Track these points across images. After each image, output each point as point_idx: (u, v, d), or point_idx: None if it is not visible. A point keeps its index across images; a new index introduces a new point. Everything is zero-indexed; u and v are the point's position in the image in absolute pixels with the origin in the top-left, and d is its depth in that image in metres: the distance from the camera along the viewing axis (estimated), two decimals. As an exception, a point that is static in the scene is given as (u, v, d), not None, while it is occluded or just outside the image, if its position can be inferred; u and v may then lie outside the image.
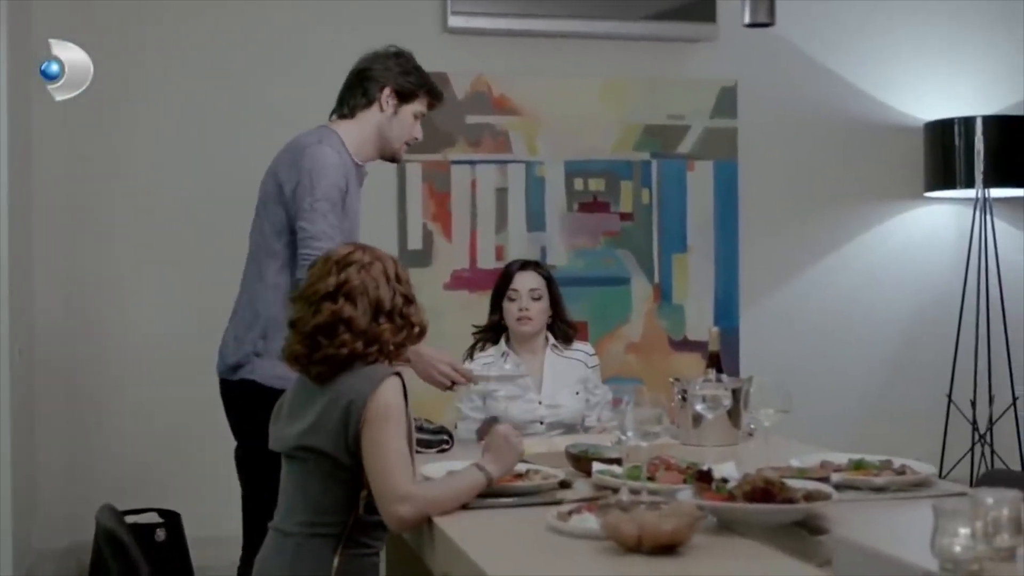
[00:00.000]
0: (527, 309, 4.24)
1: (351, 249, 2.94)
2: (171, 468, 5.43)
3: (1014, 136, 6.07)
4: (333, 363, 2.83)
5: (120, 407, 5.46)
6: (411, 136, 3.98)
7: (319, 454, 2.78)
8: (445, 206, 5.80)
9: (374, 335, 2.84)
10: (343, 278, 2.86)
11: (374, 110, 3.93)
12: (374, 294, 2.86)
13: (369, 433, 2.72)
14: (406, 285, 2.95)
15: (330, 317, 2.84)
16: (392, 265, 2.95)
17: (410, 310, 2.93)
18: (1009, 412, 6.10)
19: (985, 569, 2.12)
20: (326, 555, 2.77)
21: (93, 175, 5.48)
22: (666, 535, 2.28)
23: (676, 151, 6.03)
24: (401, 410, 2.77)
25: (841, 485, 2.89)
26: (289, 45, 5.68)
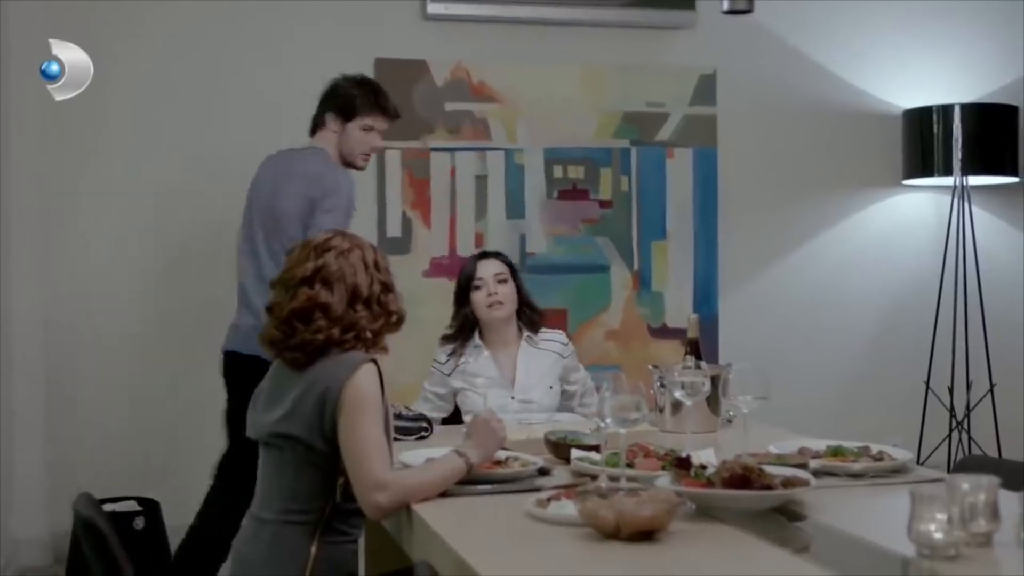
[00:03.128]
0: (496, 293, 4.23)
1: (330, 235, 2.94)
2: (150, 457, 5.41)
3: (992, 124, 6.08)
4: (309, 349, 2.83)
5: (98, 395, 5.44)
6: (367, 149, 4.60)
7: (295, 441, 2.78)
8: (424, 193, 5.78)
9: (351, 322, 2.84)
10: (321, 263, 2.86)
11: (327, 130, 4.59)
12: (351, 280, 2.86)
13: (345, 420, 2.72)
14: (385, 273, 2.95)
15: (306, 302, 2.83)
16: (371, 252, 2.95)
17: (388, 298, 2.93)
18: (986, 399, 6.12)
19: (962, 554, 2.14)
20: (303, 542, 2.77)
21: (68, 172, 5.45)
22: (644, 521, 2.29)
23: (656, 138, 6.03)
24: (377, 397, 2.77)
25: (819, 471, 2.90)
26: (276, 37, 5.65)
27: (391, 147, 5.68)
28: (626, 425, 2.71)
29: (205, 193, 5.55)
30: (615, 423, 2.71)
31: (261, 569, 2.79)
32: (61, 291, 5.40)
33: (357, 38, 5.70)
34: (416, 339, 5.31)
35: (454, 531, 2.46)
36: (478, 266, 4.28)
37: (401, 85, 5.72)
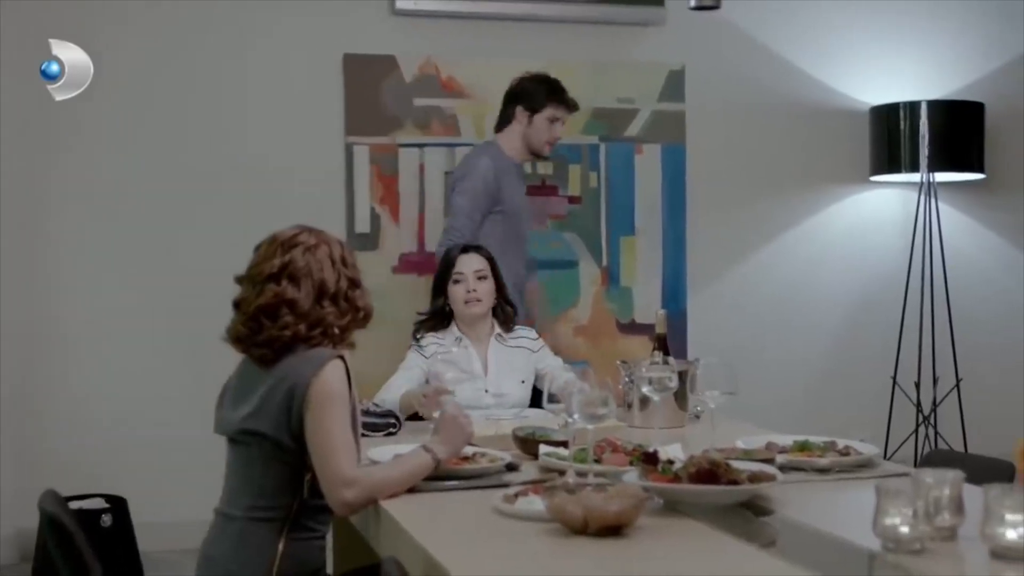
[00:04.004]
0: (475, 290, 4.21)
1: (297, 231, 2.92)
2: (118, 453, 5.39)
3: (958, 121, 6.12)
4: (276, 345, 2.82)
5: (66, 392, 5.41)
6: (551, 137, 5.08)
7: (262, 438, 2.76)
8: (393, 189, 5.77)
9: (318, 318, 2.83)
10: (288, 259, 2.84)
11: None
12: (318, 276, 2.85)
13: (312, 417, 2.71)
14: (352, 269, 2.93)
15: (273, 299, 2.82)
16: (338, 248, 2.93)
17: (355, 294, 2.91)
18: (952, 394, 6.17)
19: (926, 548, 2.15)
20: (270, 539, 2.76)
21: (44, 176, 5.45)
22: (611, 516, 2.29)
23: (624, 134, 6.04)
24: (345, 393, 2.76)
25: (786, 466, 2.91)
26: (244, 33, 5.65)
27: (359, 143, 5.68)
28: (593, 421, 2.71)
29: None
30: (582, 419, 2.71)
31: (227, 566, 2.78)
32: (26, 288, 5.37)
33: (325, 33, 5.69)
34: (385, 335, 5.29)
35: (422, 527, 2.45)
36: (460, 259, 4.25)
37: (370, 80, 5.73)
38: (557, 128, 5.09)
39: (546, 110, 5.05)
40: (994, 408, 6.21)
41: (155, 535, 5.11)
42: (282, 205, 5.41)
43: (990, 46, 6.52)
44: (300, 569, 2.79)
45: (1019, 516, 2.06)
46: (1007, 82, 6.49)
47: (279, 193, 5.51)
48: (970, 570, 2.15)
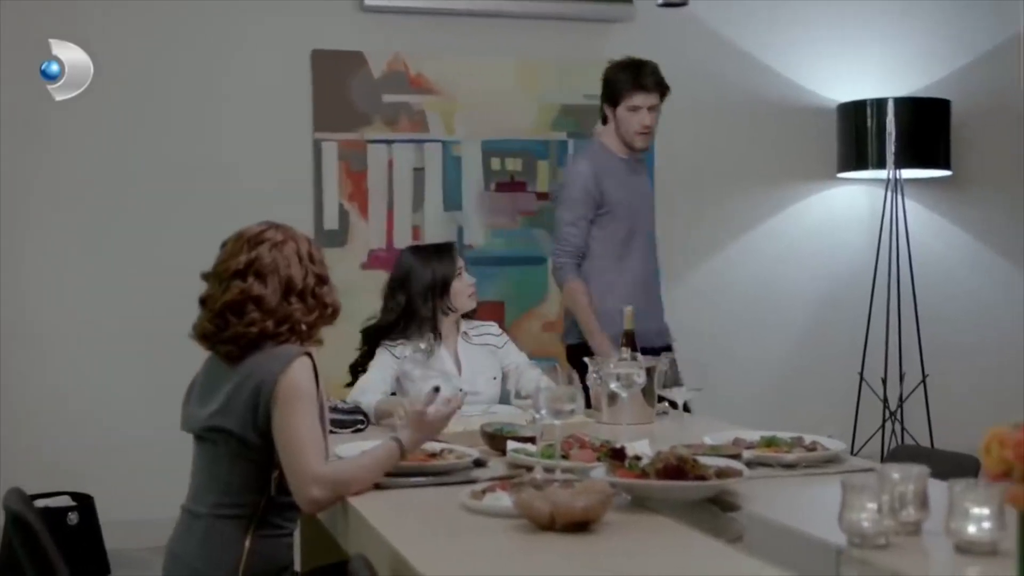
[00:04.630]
0: (472, 284, 4.23)
1: (264, 227, 2.91)
2: (85, 451, 5.37)
3: (925, 118, 6.15)
4: (242, 342, 2.81)
5: (32, 390, 5.38)
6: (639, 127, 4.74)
7: (228, 435, 2.76)
8: (361, 186, 5.77)
9: (285, 314, 2.82)
10: (254, 256, 2.84)
11: None
12: (285, 273, 2.84)
13: (279, 414, 2.70)
14: (319, 265, 2.93)
15: (239, 295, 2.81)
16: (305, 244, 2.92)
17: (323, 290, 2.91)
18: (919, 390, 6.20)
19: (891, 543, 2.16)
20: (237, 536, 2.75)
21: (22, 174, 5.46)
22: (578, 512, 2.29)
23: (592, 131, 6.03)
24: (312, 390, 2.75)
25: (753, 462, 2.92)
26: (214, 29, 5.63)
27: (327, 139, 5.68)
28: (560, 416, 2.72)
29: (148, 189, 5.53)
30: (549, 415, 2.71)
31: (194, 564, 2.77)
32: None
33: (294, 30, 5.68)
34: (353, 332, 5.29)
35: (389, 523, 2.45)
36: (455, 257, 4.24)
37: (338, 77, 5.72)
38: (643, 116, 4.73)
39: (623, 101, 4.74)
40: (960, 403, 6.25)
41: (122, 533, 5.09)
42: (250, 202, 5.37)
43: (956, 44, 6.55)
44: (267, 566, 2.78)
45: (983, 511, 2.07)
46: (973, 79, 6.53)
47: (247, 190, 5.49)
48: (934, 565, 2.17)
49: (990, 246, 6.65)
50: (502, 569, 2.18)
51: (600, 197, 4.72)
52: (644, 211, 4.90)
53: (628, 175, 4.83)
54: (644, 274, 4.81)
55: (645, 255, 4.84)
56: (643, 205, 4.90)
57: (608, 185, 4.73)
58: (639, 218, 4.84)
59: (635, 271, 4.78)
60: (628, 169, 4.84)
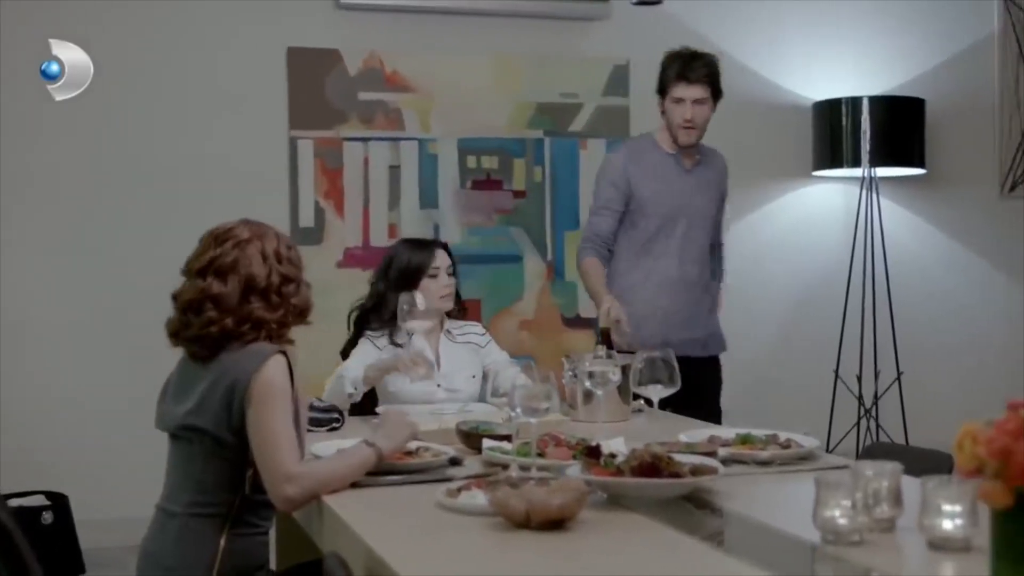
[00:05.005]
0: (448, 285, 4.22)
1: (234, 225, 2.90)
2: (59, 450, 5.35)
3: (899, 116, 6.18)
4: (205, 341, 2.80)
5: (5, 389, 5.35)
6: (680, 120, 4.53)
7: (202, 434, 2.75)
8: (337, 183, 5.76)
9: (245, 313, 2.80)
10: (216, 254, 2.83)
11: None
12: (246, 271, 2.82)
13: (254, 412, 2.69)
14: (288, 264, 2.89)
15: (197, 294, 2.81)
16: (273, 243, 2.89)
17: (288, 289, 2.87)
18: (894, 387, 6.22)
19: (865, 540, 2.17)
20: (212, 535, 2.74)
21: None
22: (554, 510, 2.29)
23: (569, 129, 6.05)
24: (287, 389, 2.74)
25: (728, 459, 2.92)
26: (186, 26, 5.62)
27: (303, 137, 5.67)
28: (536, 415, 2.72)
29: (123, 187, 5.52)
30: (525, 413, 2.71)
31: (168, 562, 2.76)
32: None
33: (269, 27, 5.67)
34: (329, 330, 5.27)
35: (364, 522, 2.44)
36: (436, 254, 4.23)
37: (314, 74, 5.71)
38: (686, 109, 4.50)
39: (669, 91, 4.55)
40: (934, 401, 6.28)
41: (97, 532, 5.07)
42: (226, 199, 5.36)
43: (930, 43, 6.58)
44: (242, 565, 2.77)
45: (956, 507, 2.08)
46: (947, 78, 6.57)
47: (223, 187, 5.48)
48: (908, 561, 2.17)
49: (964, 244, 6.68)
50: (478, 567, 2.18)
51: (628, 190, 4.54)
52: (687, 212, 4.59)
53: (671, 172, 4.60)
54: (677, 278, 4.57)
55: (680, 258, 4.57)
56: (687, 205, 4.59)
57: (640, 180, 4.55)
58: (676, 218, 4.57)
59: (662, 273, 4.56)
60: (674, 166, 4.61)
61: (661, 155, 4.61)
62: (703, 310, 4.66)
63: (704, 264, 4.66)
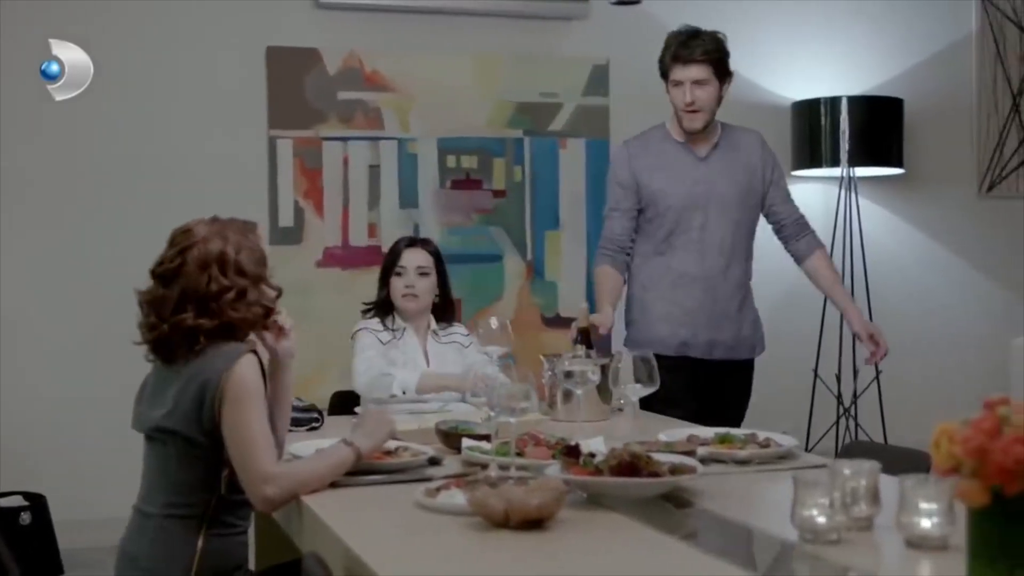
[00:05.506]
0: (412, 286, 4.22)
1: (192, 225, 2.85)
2: (37, 451, 5.32)
3: (878, 116, 6.20)
4: (155, 345, 2.81)
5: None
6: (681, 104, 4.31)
7: (176, 436, 2.74)
8: (317, 183, 5.75)
9: (177, 322, 2.75)
10: (163, 257, 2.82)
11: None
12: (183, 279, 2.77)
13: (229, 412, 2.68)
14: (235, 277, 2.79)
15: (142, 299, 2.83)
16: (218, 247, 2.78)
17: (224, 300, 2.77)
18: (872, 386, 6.24)
19: (843, 538, 2.17)
20: (189, 536, 2.73)
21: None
22: (533, 510, 2.29)
23: (548, 129, 6.05)
24: (260, 388, 2.74)
25: (707, 459, 2.93)
26: (164, 25, 5.60)
27: (282, 136, 5.65)
28: (515, 414, 2.72)
29: (100, 186, 5.50)
30: (504, 412, 2.71)
31: (146, 563, 2.75)
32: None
33: (248, 26, 5.66)
34: (309, 329, 5.29)
35: (343, 522, 2.44)
36: (404, 253, 4.26)
37: (293, 74, 5.70)
38: (686, 91, 4.27)
39: (669, 74, 4.35)
40: (913, 400, 6.30)
41: (75, 532, 5.05)
42: (205, 199, 5.32)
43: (909, 43, 6.60)
44: (221, 565, 2.77)
45: (933, 506, 2.08)
46: (925, 78, 6.59)
47: (202, 187, 5.46)
48: (885, 559, 2.18)
49: (942, 243, 6.71)
50: (457, 567, 2.18)
51: (636, 187, 4.34)
52: (705, 202, 4.32)
53: (682, 162, 4.36)
54: (698, 275, 4.34)
55: (700, 253, 4.33)
56: (704, 195, 4.32)
57: (649, 174, 4.34)
58: (692, 210, 4.31)
59: (678, 270, 4.34)
60: (686, 155, 4.37)
61: (671, 145, 4.39)
62: (732, 308, 4.40)
63: (734, 257, 4.39)
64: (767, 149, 4.46)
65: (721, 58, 4.32)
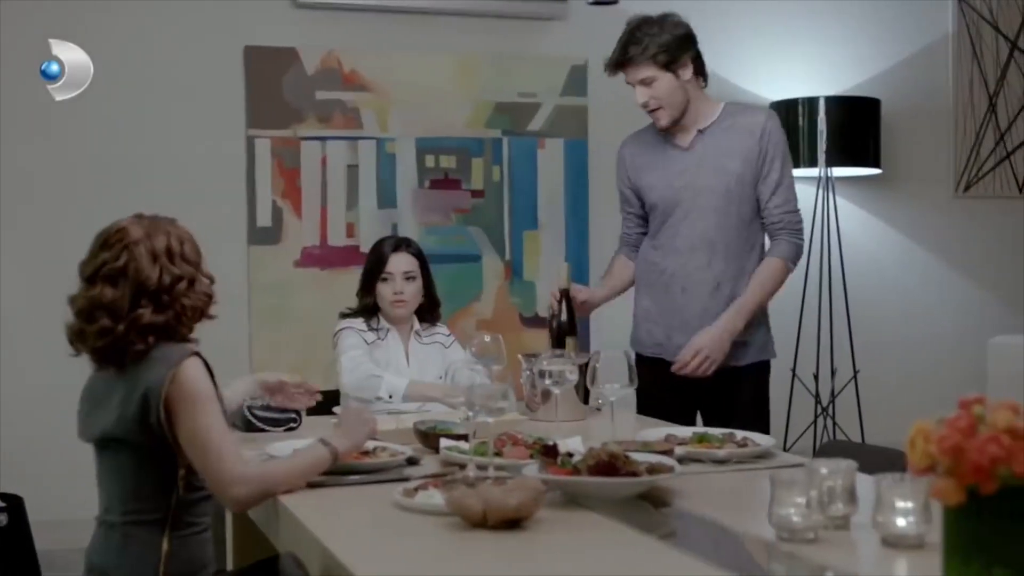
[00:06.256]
0: (401, 292, 4.20)
1: (125, 224, 2.80)
2: (14, 451, 5.30)
3: (855, 116, 6.21)
4: (103, 352, 2.73)
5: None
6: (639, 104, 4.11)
7: (125, 443, 2.69)
8: (295, 183, 5.73)
9: (134, 319, 2.69)
10: (105, 258, 2.74)
11: None
12: (135, 276, 2.71)
13: (183, 422, 2.62)
14: (180, 262, 2.76)
15: (89, 302, 2.73)
16: (163, 240, 2.76)
17: (179, 288, 2.74)
18: (850, 385, 6.26)
19: (820, 537, 2.18)
20: (154, 541, 2.68)
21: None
22: (511, 510, 2.29)
23: (527, 129, 6.05)
24: (210, 389, 2.67)
25: (684, 458, 2.94)
26: (147, 24, 5.59)
27: (260, 136, 5.64)
28: (493, 414, 2.72)
29: (76, 185, 5.47)
30: (482, 412, 2.71)
31: (113, 572, 2.71)
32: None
33: (226, 25, 5.64)
34: (288, 330, 5.29)
35: (320, 521, 2.44)
36: (391, 258, 4.23)
37: (271, 73, 5.69)
38: (641, 92, 4.05)
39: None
40: (891, 399, 6.33)
41: (52, 534, 5.02)
42: (182, 199, 5.35)
43: (886, 44, 6.63)
44: (187, 568, 2.72)
45: (909, 504, 2.09)
46: (902, 79, 6.61)
47: (179, 187, 5.45)
48: (862, 558, 2.19)
49: (919, 243, 6.73)
50: (434, 567, 2.18)
51: (635, 186, 4.21)
52: (685, 195, 4.07)
53: (665, 154, 4.15)
54: (676, 273, 4.09)
55: (678, 250, 4.09)
56: (685, 187, 4.08)
57: (641, 171, 4.19)
58: (673, 205, 4.09)
59: (661, 269, 4.13)
60: (668, 146, 4.16)
61: (656, 138, 4.17)
62: (715, 309, 4.04)
63: (717, 253, 4.05)
64: (768, 132, 4.08)
65: (667, 49, 4.00)
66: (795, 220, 4.16)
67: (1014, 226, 6.84)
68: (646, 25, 4.06)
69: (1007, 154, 6.83)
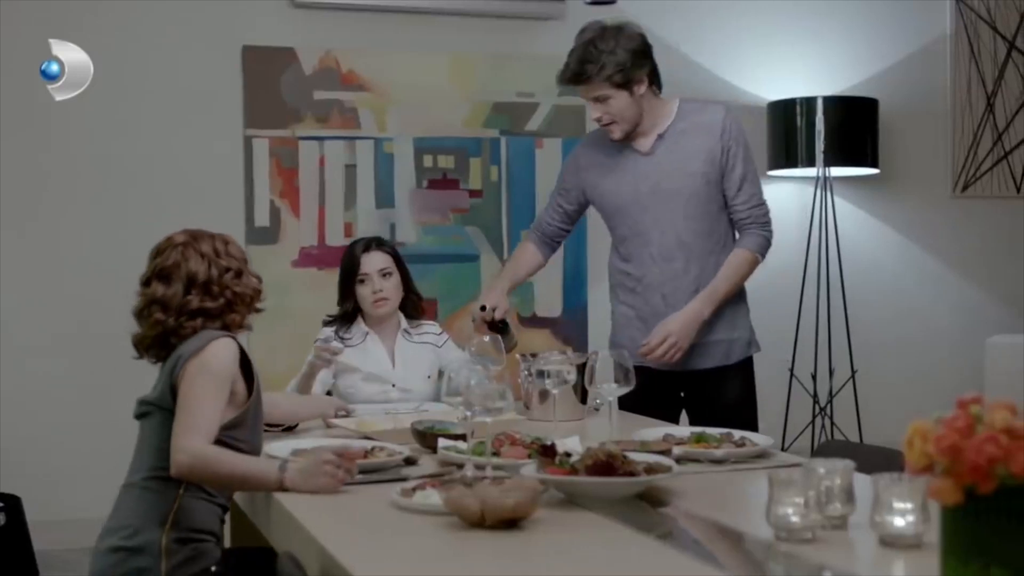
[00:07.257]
0: (381, 290, 4.17)
1: (171, 234, 3.02)
2: (10, 451, 5.29)
3: (853, 116, 6.22)
4: (156, 343, 2.94)
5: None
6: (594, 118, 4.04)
7: (155, 407, 2.86)
8: (292, 183, 5.73)
9: (181, 305, 2.91)
10: (158, 261, 2.96)
11: None
12: (186, 270, 2.93)
13: (184, 383, 2.79)
14: (228, 258, 3.00)
15: (144, 301, 2.94)
16: (208, 243, 2.99)
17: (227, 278, 2.97)
18: (848, 385, 6.26)
19: (818, 537, 2.18)
20: (169, 492, 2.82)
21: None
22: (508, 509, 2.29)
23: (525, 128, 6.05)
24: (222, 370, 2.83)
25: (682, 458, 2.94)
26: (143, 24, 5.59)
27: (258, 136, 5.64)
28: (491, 414, 2.71)
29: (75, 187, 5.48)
30: (480, 412, 2.71)
31: (126, 521, 2.83)
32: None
33: (224, 25, 5.64)
34: (286, 329, 5.28)
35: (318, 521, 2.44)
36: (363, 260, 4.19)
37: (269, 73, 5.69)
38: (596, 108, 3.96)
39: None
40: (888, 398, 6.33)
41: (50, 534, 5.02)
42: (181, 199, 5.41)
43: (883, 44, 6.63)
44: (195, 526, 2.83)
45: (907, 504, 2.09)
46: (900, 79, 6.62)
47: (178, 187, 5.46)
48: (860, 558, 2.19)
49: (917, 243, 6.74)
50: (432, 566, 2.18)
51: (579, 184, 4.14)
52: (651, 200, 3.98)
53: (624, 159, 4.04)
54: (653, 284, 4.02)
55: (650, 255, 4.01)
56: (650, 193, 3.98)
57: (596, 171, 4.09)
58: (642, 212, 4.00)
59: (637, 277, 4.07)
60: (628, 152, 4.04)
61: (617, 147, 4.04)
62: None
63: (693, 257, 3.99)
64: (728, 130, 3.97)
65: (621, 70, 3.88)
66: (762, 213, 4.06)
67: (1012, 226, 6.85)
68: (600, 40, 3.94)
69: (1005, 154, 6.83)
